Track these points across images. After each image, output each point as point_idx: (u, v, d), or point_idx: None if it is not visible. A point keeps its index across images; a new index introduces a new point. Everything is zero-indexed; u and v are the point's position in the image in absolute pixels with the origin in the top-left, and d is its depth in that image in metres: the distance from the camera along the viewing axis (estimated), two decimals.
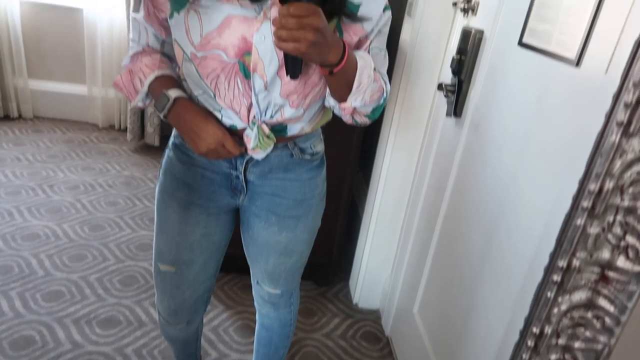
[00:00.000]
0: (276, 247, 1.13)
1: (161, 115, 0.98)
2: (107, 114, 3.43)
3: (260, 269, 1.19)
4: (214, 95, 0.96)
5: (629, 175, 0.47)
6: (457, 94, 1.43)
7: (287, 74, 0.87)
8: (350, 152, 1.92)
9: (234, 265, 1.80)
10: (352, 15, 0.92)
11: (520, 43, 1.15)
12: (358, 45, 0.96)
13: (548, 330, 0.62)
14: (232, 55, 0.90)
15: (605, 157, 0.48)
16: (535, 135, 1.08)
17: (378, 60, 0.98)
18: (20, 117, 3.43)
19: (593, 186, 0.50)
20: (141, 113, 3.15)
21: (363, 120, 1.00)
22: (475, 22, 1.42)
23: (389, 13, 0.98)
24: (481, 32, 1.35)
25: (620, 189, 0.49)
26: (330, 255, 2.10)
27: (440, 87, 1.47)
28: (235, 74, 0.92)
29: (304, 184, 1.08)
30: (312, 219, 1.13)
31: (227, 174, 1.06)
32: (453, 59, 1.43)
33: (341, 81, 0.89)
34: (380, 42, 0.99)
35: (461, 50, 1.42)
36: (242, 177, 1.05)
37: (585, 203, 0.52)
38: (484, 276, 1.23)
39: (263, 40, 0.88)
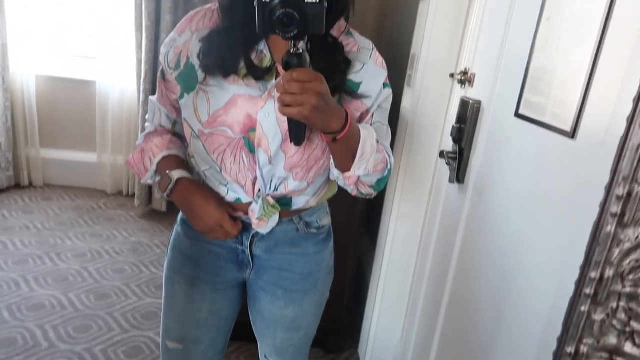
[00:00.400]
0: (283, 322, 1.12)
1: (165, 195, 1.02)
2: (116, 181, 3.50)
3: (267, 344, 1.18)
4: (220, 170, 0.99)
5: (627, 263, 0.48)
6: (458, 161, 1.46)
7: (291, 141, 0.89)
8: (355, 216, 1.93)
9: (240, 334, 1.77)
10: (353, 93, 0.97)
11: (517, 114, 1.19)
12: (360, 120, 1.00)
13: None
14: (237, 131, 0.94)
15: (603, 246, 0.50)
16: (536, 202, 1.10)
17: (381, 133, 1.01)
18: (30, 185, 3.49)
19: (594, 274, 0.51)
20: None
21: (368, 191, 1.01)
22: (472, 93, 1.47)
23: (389, 90, 1.02)
24: (479, 102, 1.40)
25: (620, 277, 0.50)
26: (338, 321, 2.07)
27: (442, 154, 1.51)
28: (240, 149, 0.96)
29: (310, 257, 1.09)
30: (319, 292, 1.13)
31: (233, 248, 1.07)
32: (453, 127, 1.48)
33: (344, 149, 0.91)
34: (382, 117, 1.02)
35: (460, 119, 1.46)
36: (248, 251, 1.06)
37: (588, 290, 0.52)
38: (495, 347, 1.21)
39: (267, 117, 0.92)
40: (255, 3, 0.78)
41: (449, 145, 1.53)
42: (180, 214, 1.13)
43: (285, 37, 0.79)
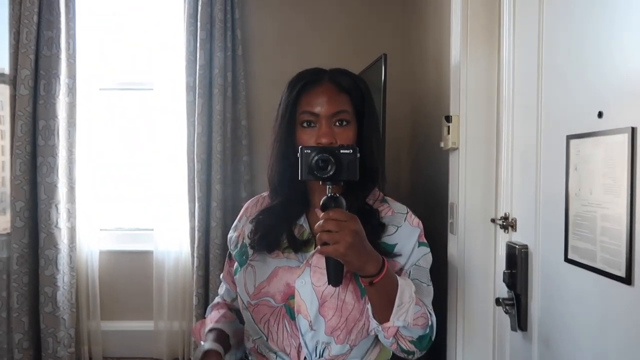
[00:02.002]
0: None
1: None
2: (171, 347, 3.49)
3: None
4: (267, 339, 1.04)
5: None
6: (517, 308, 1.43)
7: (329, 283, 0.91)
8: None
9: None
10: (388, 253, 1.02)
11: (567, 259, 1.20)
12: None
13: None
14: (279, 300, 1.02)
15: None
16: (606, 350, 1.04)
17: (420, 290, 1.02)
18: (90, 359, 3.53)
19: None
20: None
21: (409, 347, 0.98)
22: (517, 237, 1.49)
23: (425, 249, 1.07)
24: (525, 247, 1.42)
25: None
26: None
27: (498, 302, 1.49)
28: (282, 317, 1.02)
29: None
30: None
31: None
32: (504, 273, 1.48)
33: (382, 296, 0.92)
34: (420, 276, 1.05)
35: (510, 264, 1.47)
36: None
37: None
38: None
39: (304, 284, 1.00)
40: (298, 154, 0.92)
41: (503, 291, 1.51)
42: None
43: (323, 178, 0.90)
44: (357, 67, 2.45)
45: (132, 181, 3.64)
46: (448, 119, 1.75)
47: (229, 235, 1.18)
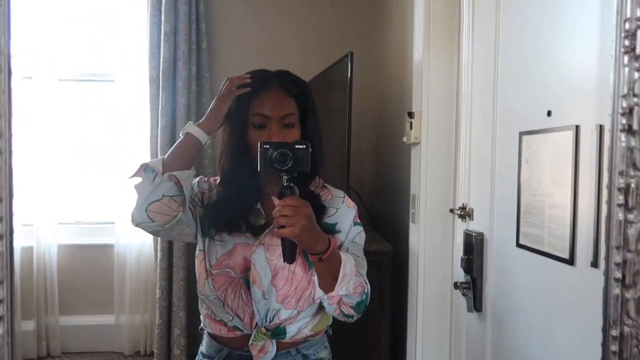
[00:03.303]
0: None
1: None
2: (133, 341, 3.47)
3: None
4: (223, 304, 1.16)
5: None
6: (473, 291, 1.55)
7: (284, 260, 1.05)
8: (381, 351, 1.94)
9: None
10: (329, 232, 1.15)
11: (518, 244, 1.32)
12: None
13: None
14: (237, 272, 1.15)
15: None
16: (553, 326, 1.17)
17: (357, 263, 1.16)
18: (48, 355, 3.46)
19: None
20: (167, 336, 3.21)
21: (349, 311, 1.12)
22: (473, 226, 1.61)
23: (359, 228, 1.21)
24: (481, 234, 1.54)
25: None
26: None
27: (456, 285, 1.60)
28: (240, 287, 1.15)
29: None
30: None
31: None
32: (462, 259, 1.59)
33: (328, 269, 1.06)
34: (357, 251, 1.19)
35: (467, 250, 1.58)
36: None
37: None
38: None
39: (259, 259, 1.14)
40: (258, 149, 1.03)
41: (461, 275, 1.63)
42: None
43: (281, 170, 1.02)
44: (323, 64, 2.52)
45: (92, 174, 3.57)
46: (411, 115, 1.85)
47: (195, 182, 1.20)
